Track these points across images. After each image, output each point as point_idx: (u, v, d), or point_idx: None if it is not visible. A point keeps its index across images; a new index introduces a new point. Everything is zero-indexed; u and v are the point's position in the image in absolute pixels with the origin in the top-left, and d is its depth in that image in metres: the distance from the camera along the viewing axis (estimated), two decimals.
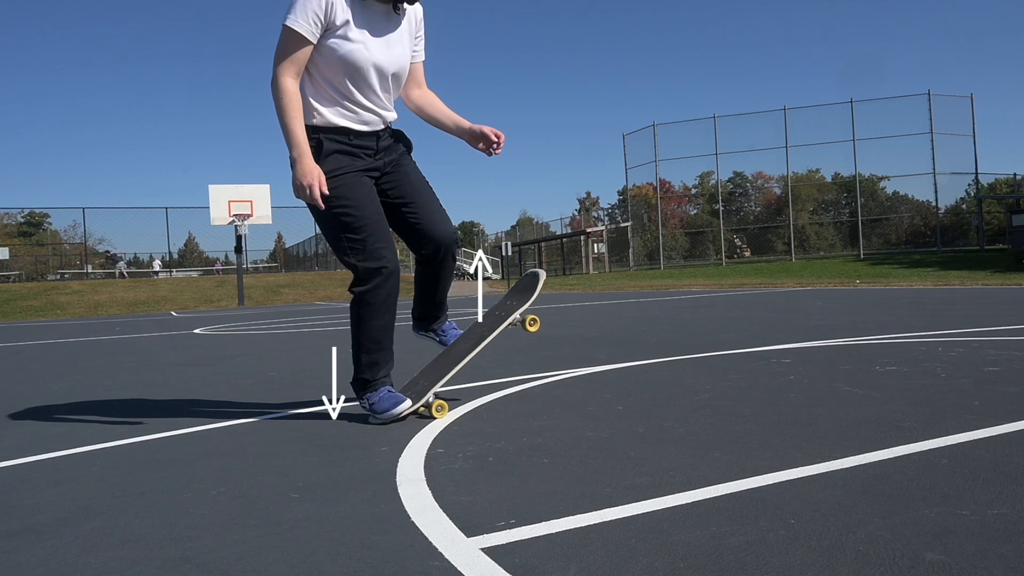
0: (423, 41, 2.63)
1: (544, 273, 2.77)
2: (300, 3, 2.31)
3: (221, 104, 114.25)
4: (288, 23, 2.32)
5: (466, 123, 2.64)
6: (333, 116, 2.42)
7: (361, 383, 2.54)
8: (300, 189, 2.34)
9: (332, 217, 2.42)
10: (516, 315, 2.64)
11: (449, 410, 2.59)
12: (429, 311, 2.80)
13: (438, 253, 2.62)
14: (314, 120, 2.41)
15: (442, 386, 2.60)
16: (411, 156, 2.65)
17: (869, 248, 26.68)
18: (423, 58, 2.65)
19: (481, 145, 2.63)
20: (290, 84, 2.35)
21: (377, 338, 2.51)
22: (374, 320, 2.49)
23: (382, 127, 2.53)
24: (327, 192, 2.36)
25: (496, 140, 2.60)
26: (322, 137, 2.41)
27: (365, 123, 2.47)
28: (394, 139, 2.60)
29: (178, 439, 2.44)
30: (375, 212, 2.46)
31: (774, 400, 2.55)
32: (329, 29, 2.35)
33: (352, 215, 2.41)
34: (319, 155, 2.39)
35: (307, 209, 2.45)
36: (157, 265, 40.79)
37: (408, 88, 2.65)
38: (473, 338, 2.68)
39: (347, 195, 2.41)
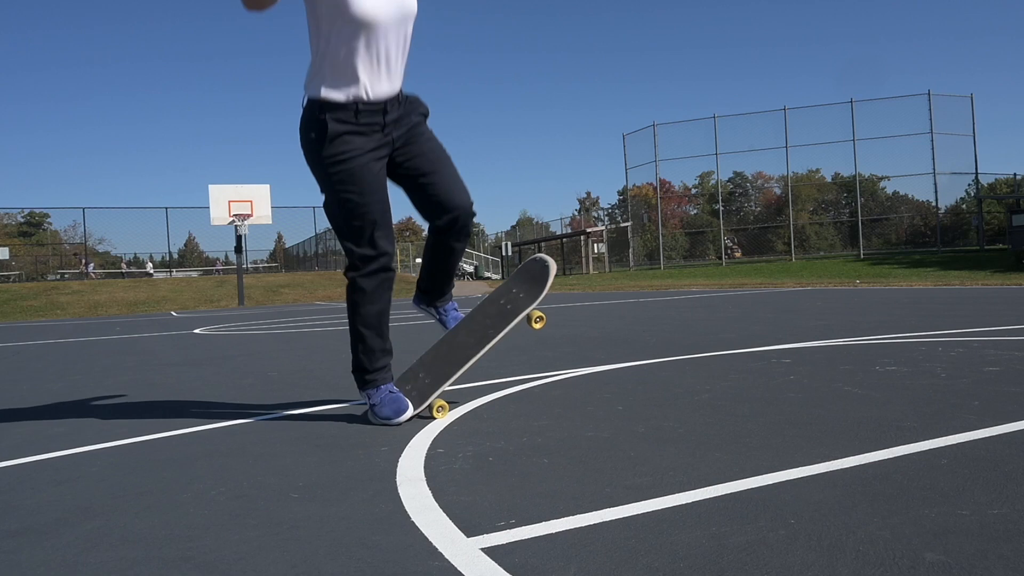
0: None
1: (554, 264, 2.66)
2: None
3: (221, 104, 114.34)
4: None
5: None
6: (339, 88, 2.34)
7: (361, 372, 2.53)
8: None
9: (336, 201, 2.40)
10: (524, 314, 2.60)
11: (449, 410, 2.59)
12: (436, 284, 2.76)
13: (455, 223, 2.58)
14: (320, 94, 2.34)
15: (446, 387, 2.59)
16: (427, 124, 2.57)
17: (869, 248, 26.68)
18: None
19: None
20: None
21: (372, 324, 2.50)
22: (368, 306, 2.48)
23: (390, 97, 2.43)
24: None
25: None
26: (328, 118, 2.34)
27: (372, 92, 2.37)
28: (406, 109, 2.49)
29: (178, 439, 2.44)
30: (378, 201, 2.43)
31: (774, 400, 2.55)
32: None
33: (355, 201, 2.39)
34: (325, 138, 2.35)
35: (307, 210, 2.46)
36: (149, 267, 40.74)
37: None
38: (478, 333, 2.63)
39: (351, 180, 2.37)
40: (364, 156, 2.39)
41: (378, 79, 2.39)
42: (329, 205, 2.45)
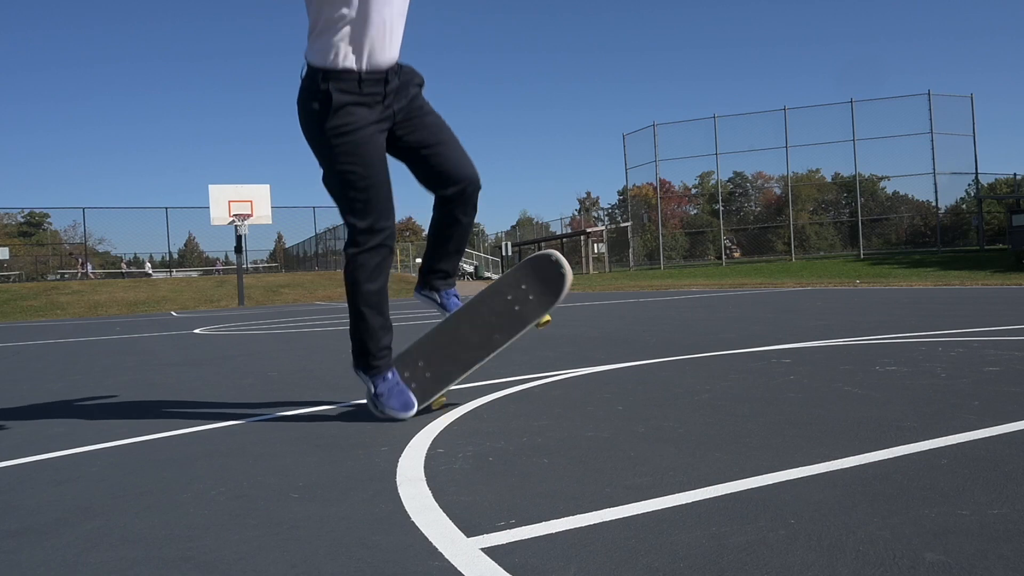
0: None
1: (570, 272, 2.53)
2: None
3: (221, 104, 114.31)
4: None
5: None
6: (341, 54, 2.31)
7: (365, 356, 2.51)
8: None
9: (337, 174, 2.38)
10: (534, 323, 2.54)
11: (446, 402, 2.59)
12: (440, 264, 2.72)
13: (463, 193, 2.55)
14: (322, 61, 2.32)
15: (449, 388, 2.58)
16: (423, 96, 2.54)
17: (869, 248, 26.67)
18: None
19: None
20: None
21: (372, 303, 2.48)
22: (367, 284, 2.45)
23: (390, 65, 2.40)
24: None
25: None
26: (331, 87, 2.32)
27: (375, 59, 2.34)
28: (403, 79, 2.47)
29: (178, 439, 2.44)
30: (380, 172, 2.41)
31: (774, 400, 2.55)
32: None
33: (358, 173, 2.36)
34: (328, 108, 2.32)
35: (307, 210, 2.46)
36: (148, 267, 40.81)
37: None
38: (482, 332, 2.56)
39: (354, 152, 2.35)
40: (368, 128, 2.37)
41: (380, 46, 2.36)
42: (329, 179, 2.42)
